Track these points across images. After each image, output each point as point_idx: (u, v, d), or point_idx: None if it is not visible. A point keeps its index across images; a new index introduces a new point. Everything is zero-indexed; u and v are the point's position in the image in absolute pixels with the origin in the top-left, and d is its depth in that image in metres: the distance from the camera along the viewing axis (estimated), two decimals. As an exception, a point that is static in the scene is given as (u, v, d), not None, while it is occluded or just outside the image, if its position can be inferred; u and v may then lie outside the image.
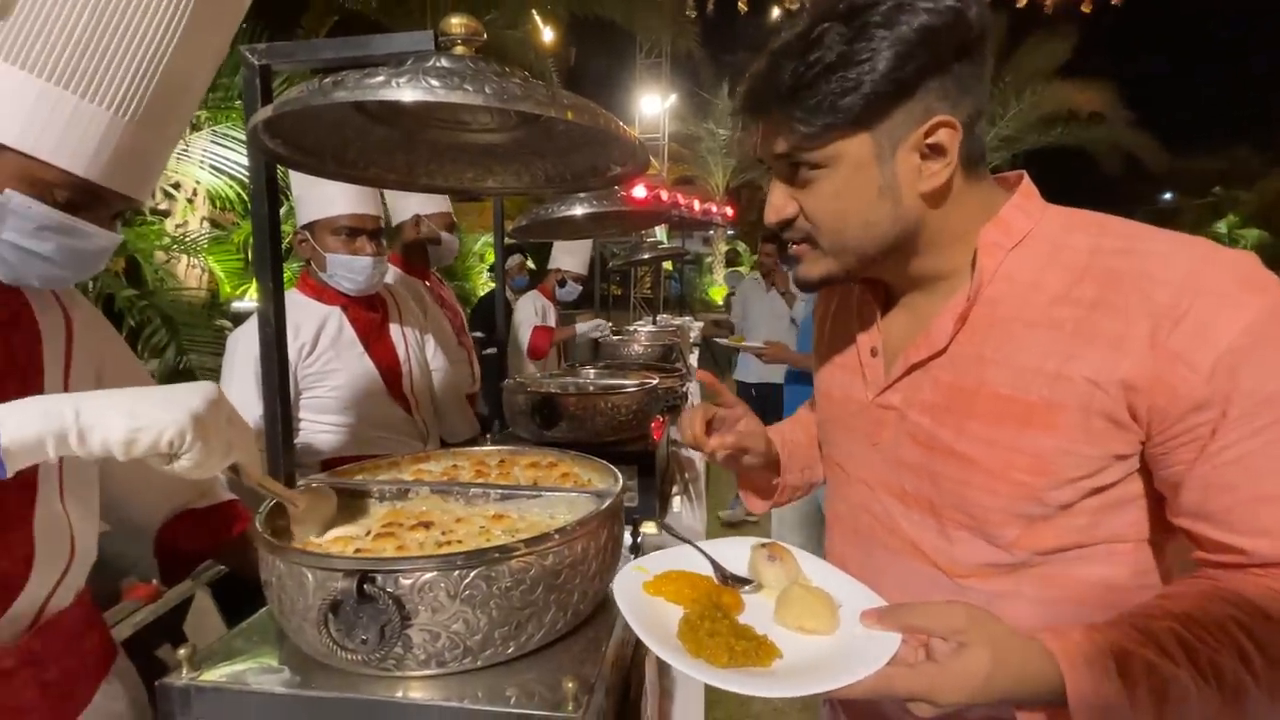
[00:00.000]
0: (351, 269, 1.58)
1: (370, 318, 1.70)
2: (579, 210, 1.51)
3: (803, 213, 0.67)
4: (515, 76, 0.63)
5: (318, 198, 1.57)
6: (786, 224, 0.69)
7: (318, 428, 1.62)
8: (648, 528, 1.53)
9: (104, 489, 0.81)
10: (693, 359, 3.70)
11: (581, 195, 1.58)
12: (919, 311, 0.70)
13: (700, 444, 0.84)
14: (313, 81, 0.58)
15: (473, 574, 0.62)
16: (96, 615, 0.83)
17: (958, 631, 0.54)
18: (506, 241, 1.87)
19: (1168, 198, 21.49)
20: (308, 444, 1.60)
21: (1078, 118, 13.78)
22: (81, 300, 0.84)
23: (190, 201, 3.61)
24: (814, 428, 0.93)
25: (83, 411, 0.55)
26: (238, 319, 3.24)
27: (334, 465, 1.60)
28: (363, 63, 0.75)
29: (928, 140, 0.61)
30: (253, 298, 3.84)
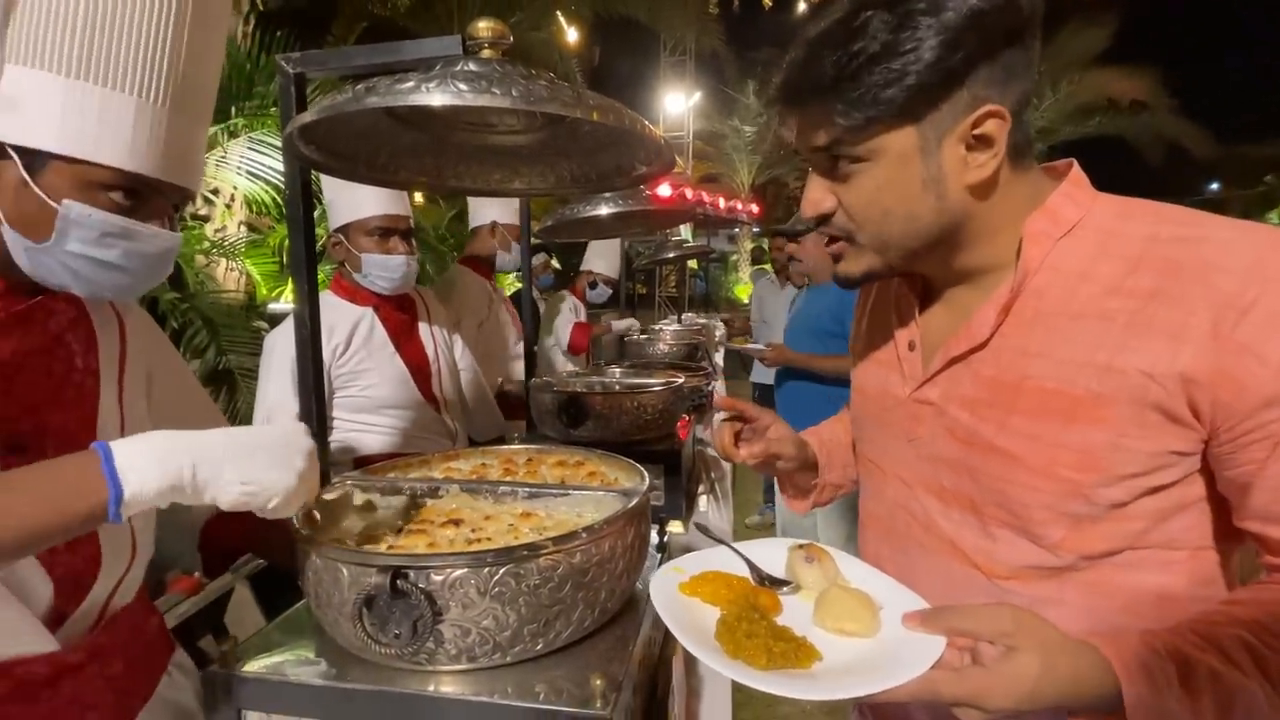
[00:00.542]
0: (386, 268, 1.62)
1: (401, 318, 1.74)
2: (604, 210, 1.51)
3: (842, 207, 0.65)
4: (541, 79, 0.63)
5: (349, 201, 1.61)
6: (824, 219, 0.67)
7: (351, 426, 1.66)
8: (674, 527, 1.53)
9: None
10: (718, 357, 3.69)
11: (607, 195, 1.58)
12: (960, 304, 0.67)
13: (730, 455, 0.85)
14: (346, 88, 0.59)
15: (502, 571, 0.63)
16: (155, 611, 0.86)
17: (1006, 635, 0.53)
18: (532, 241, 1.89)
19: (1215, 188, 20.65)
20: (341, 442, 1.63)
21: (1118, 106, 13.32)
22: (133, 304, 0.87)
23: (228, 206, 3.72)
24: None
25: (199, 469, 0.57)
26: (274, 320, 3.33)
27: (366, 464, 1.64)
28: (393, 68, 0.77)
29: (975, 131, 0.58)
30: (288, 299, 3.94)
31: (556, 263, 4.61)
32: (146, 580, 0.83)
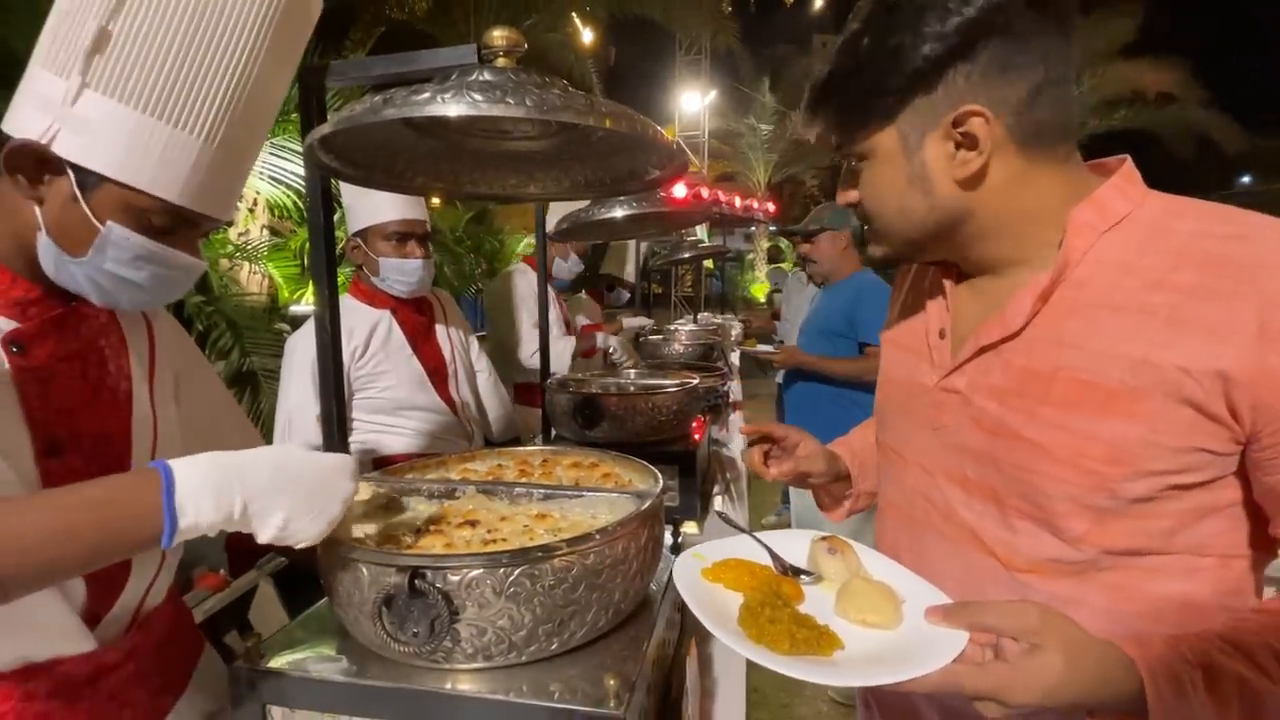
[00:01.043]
0: (403, 271, 1.64)
1: (418, 320, 1.76)
2: (619, 212, 1.52)
3: (860, 200, 0.71)
4: (555, 87, 0.64)
5: (368, 206, 1.64)
6: (855, 206, 0.73)
7: (369, 427, 1.68)
8: (689, 527, 1.54)
9: None
10: (734, 357, 3.68)
11: (621, 198, 1.59)
12: (994, 294, 0.67)
13: (762, 475, 0.90)
14: (364, 99, 0.61)
15: (517, 572, 0.64)
16: (185, 611, 0.89)
17: (1031, 632, 0.53)
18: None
19: (1246, 181, 20.09)
20: (361, 443, 1.66)
21: (1144, 99, 13.02)
22: (161, 309, 0.90)
23: (251, 211, 3.80)
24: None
25: (250, 506, 0.59)
26: (295, 322, 3.39)
27: (385, 463, 1.67)
28: (410, 78, 0.79)
29: (958, 129, 0.60)
30: (308, 302, 4.01)
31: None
32: (175, 578, 0.85)
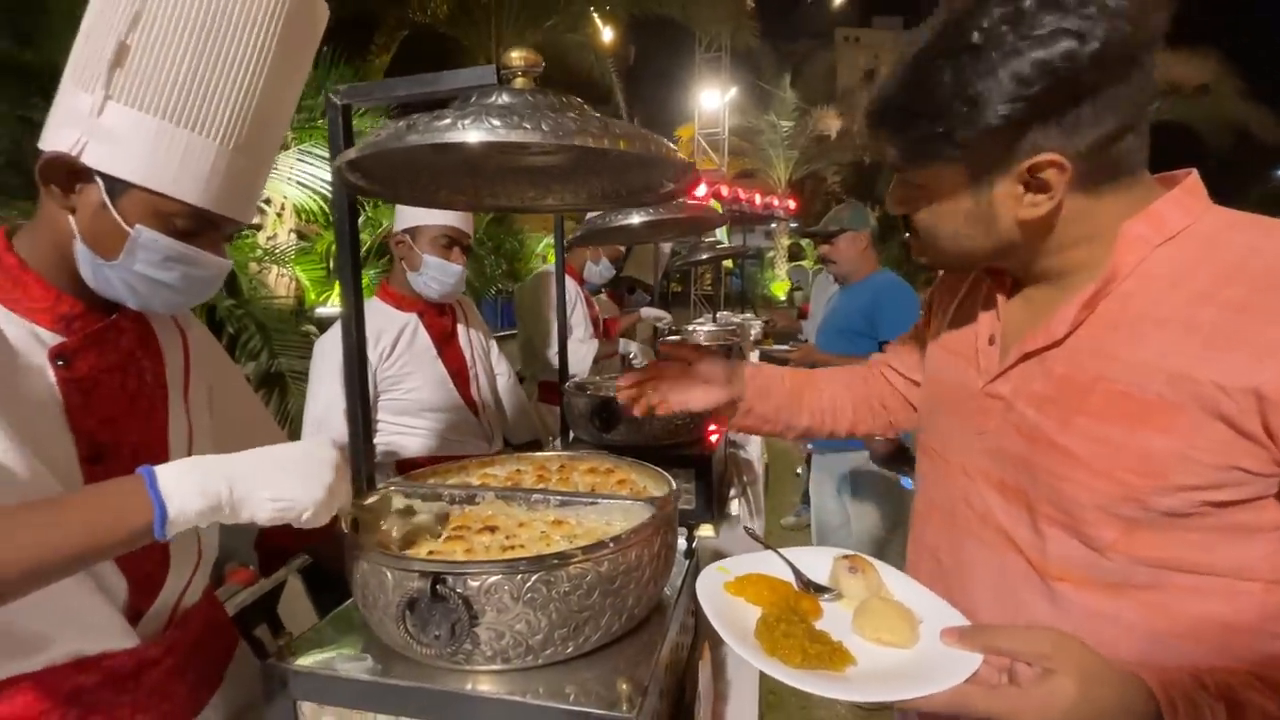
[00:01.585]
0: (445, 272, 1.68)
1: (442, 324, 1.80)
2: (636, 219, 1.54)
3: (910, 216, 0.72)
4: (571, 109, 0.66)
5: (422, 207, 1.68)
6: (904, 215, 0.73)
7: (394, 429, 1.73)
8: (704, 531, 1.55)
9: None
10: (753, 357, 3.68)
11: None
12: (1044, 302, 0.68)
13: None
14: (389, 125, 0.63)
15: (534, 578, 0.66)
16: (220, 611, 0.93)
17: (1044, 657, 0.53)
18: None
19: (1286, 174, 19.40)
20: (385, 444, 1.71)
21: (1179, 91, 12.66)
22: (194, 319, 0.94)
23: (279, 215, 3.90)
24: (810, 384, 1.03)
25: (235, 489, 0.61)
26: (322, 324, 3.48)
27: (408, 465, 1.71)
28: (432, 99, 0.82)
29: (1033, 175, 0.60)
30: (335, 304, 4.11)
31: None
32: (209, 579, 0.89)
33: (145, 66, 0.68)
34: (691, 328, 3.93)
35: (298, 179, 3.48)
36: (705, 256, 3.64)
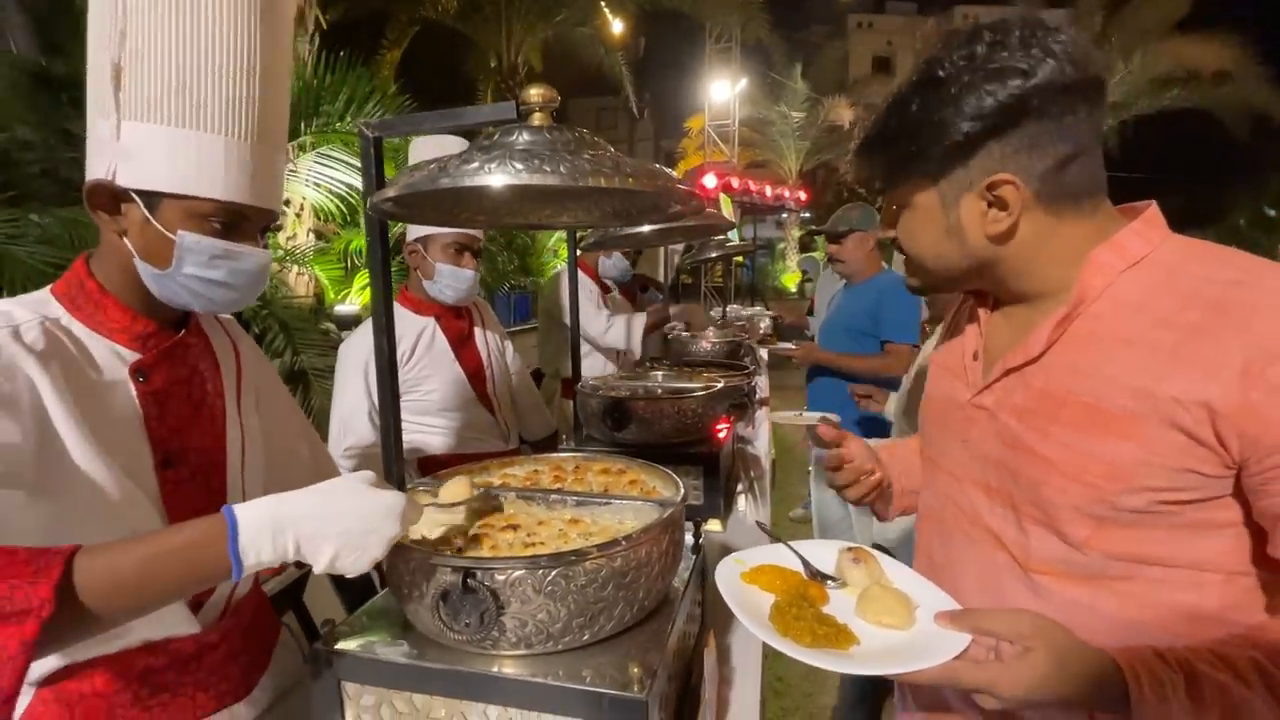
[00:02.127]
0: (458, 279, 1.75)
1: (459, 326, 1.88)
2: (646, 227, 1.60)
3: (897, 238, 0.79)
4: (586, 149, 0.73)
5: None
6: (894, 241, 0.80)
7: (414, 428, 1.81)
8: (712, 525, 1.62)
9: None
10: (763, 352, 3.72)
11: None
12: (1022, 322, 0.74)
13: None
14: (421, 168, 0.70)
15: (554, 573, 0.74)
16: (265, 598, 1.02)
17: (1023, 637, 0.60)
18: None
19: (1310, 160, 18.95)
20: (407, 443, 1.78)
21: (1198, 77, 12.42)
22: (243, 331, 1.01)
23: (298, 216, 4.00)
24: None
25: (302, 547, 0.65)
26: (341, 322, 3.58)
27: (428, 462, 1.79)
28: (456, 130, 0.88)
29: (991, 193, 0.68)
30: (353, 302, 4.20)
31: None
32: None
33: (140, 80, 0.72)
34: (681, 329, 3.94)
35: (316, 180, 3.56)
36: (715, 254, 3.68)
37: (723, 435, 1.72)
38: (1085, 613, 0.66)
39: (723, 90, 13.45)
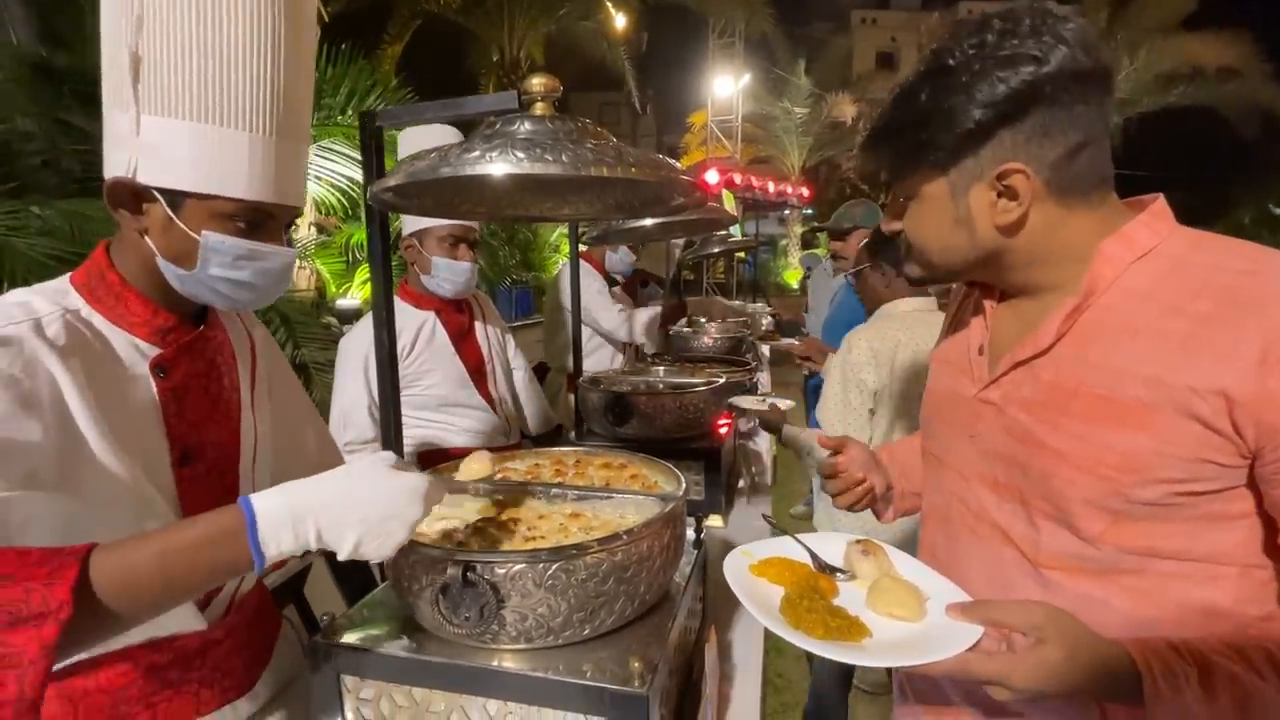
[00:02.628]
0: (454, 272, 1.74)
1: (460, 321, 1.87)
2: (649, 221, 1.59)
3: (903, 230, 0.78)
4: (589, 138, 0.72)
5: None
6: (898, 233, 0.79)
7: (414, 422, 1.80)
8: (713, 521, 1.62)
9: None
10: (765, 349, 3.71)
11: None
12: (1029, 315, 0.74)
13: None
14: (422, 157, 0.69)
15: (554, 567, 0.73)
16: (267, 594, 1.01)
17: (1036, 628, 0.60)
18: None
19: (1317, 158, 18.86)
20: (406, 438, 1.78)
21: (1204, 74, 12.34)
22: (257, 320, 0.99)
23: (300, 209, 3.98)
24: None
25: (324, 535, 0.64)
26: (342, 316, 3.57)
27: (427, 457, 1.79)
28: (457, 120, 0.87)
29: (1001, 182, 0.67)
30: (354, 296, 4.20)
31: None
32: None
33: (160, 71, 0.68)
34: (703, 320, 3.97)
35: (317, 174, 3.55)
36: (717, 249, 3.67)
37: (724, 431, 1.71)
38: (1097, 607, 0.65)
39: (726, 86, 13.40)
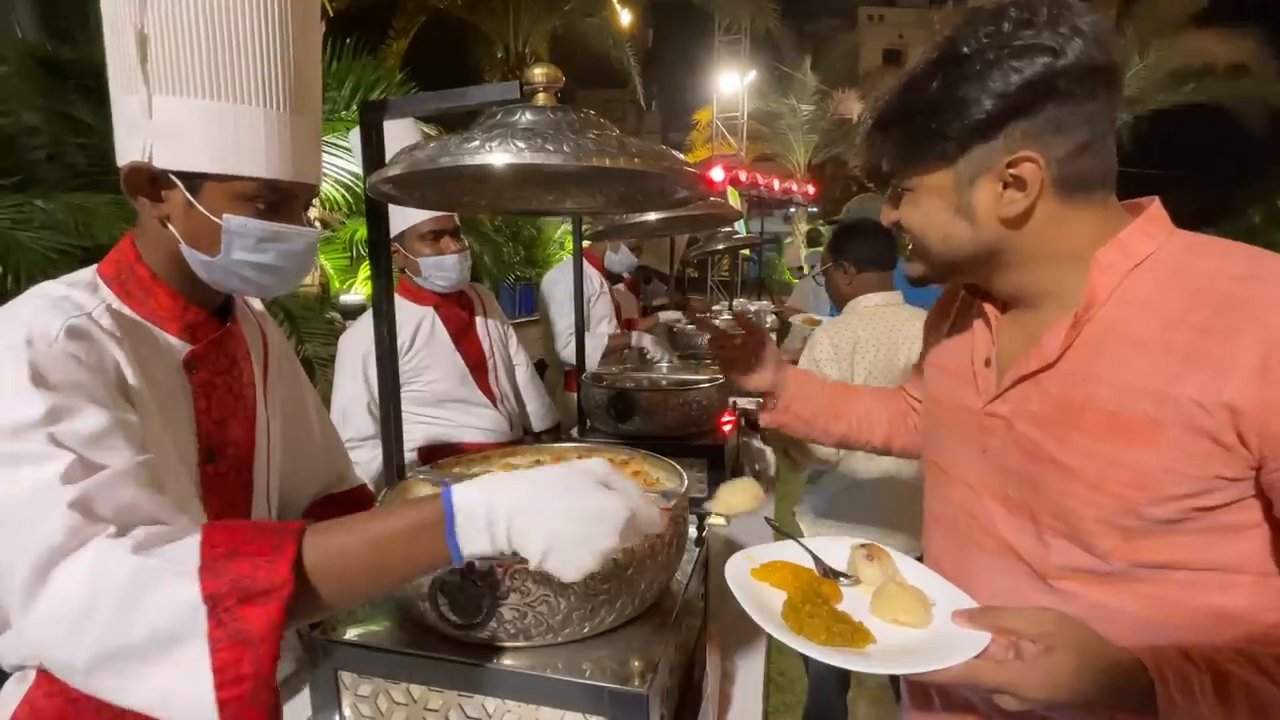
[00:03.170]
0: (442, 268, 1.73)
1: (460, 316, 1.86)
2: (653, 216, 1.58)
3: (902, 223, 0.75)
4: (591, 129, 0.71)
5: (402, 210, 1.73)
6: (896, 225, 0.77)
7: (415, 418, 1.79)
8: (716, 519, 1.61)
9: None
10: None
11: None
12: (1033, 327, 0.72)
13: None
14: (422, 146, 0.68)
15: (554, 564, 0.72)
16: None
17: (1046, 635, 0.59)
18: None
19: (1328, 157, 18.68)
20: (406, 434, 1.77)
21: (1215, 71, 12.23)
22: (268, 315, 0.98)
23: (303, 204, 3.97)
24: (848, 393, 1.10)
25: (513, 536, 0.59)
26: (346, 311, 3.57)
27: (429, 453, 1.78)
28: (458, 111, 0.86)
29: (1010, 171, 0.65)
30: (358, 292, 4.20)
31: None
32: None
33: (168, 48, 0.67)
34: (707, 317, 3.96)
35: (321, 169, 3.54)
36: (722, 246, 3.65)
37: (728, 428, 1.70)
38: (1110, 615, 0.64)
39: (731, 83, 13.36)
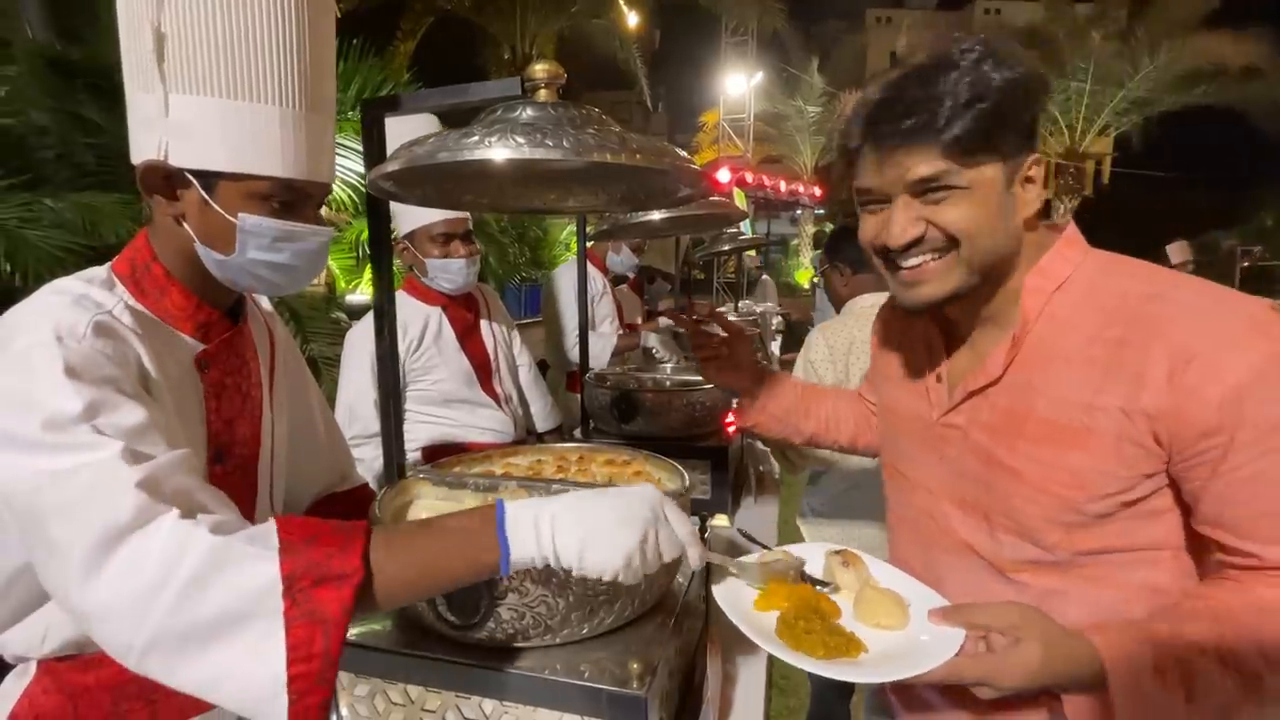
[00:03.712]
0: (449, 270, 1.74)
1: (466, 316, 1.86)
2: (657, 215, 1.57)
3: (935, 227, 0.70)
4: (591, 124, 0.70)
5: (414, 210, 1.73)
6: (914, 243, 0.72)
7: (420, 417, 1.80)
8: (719, 521, 1.60)
9: None
10: (774, 347, 3.69)
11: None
12: (977, 346, 0.80)
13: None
14: (420, 143, 0.68)
15: (553, 564, 0.71)
16: None
17: (1013, 628, 0.65)
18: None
19: (1342, 159, 18.45)
20: (410, 433, 1.78)
21: (1227, 72, 12.13)
22: (276, 315, 0.97)
23: (310, 204, 3.98)
24: (817, 394, 1.14)
25: (556, 536, 0.64)
26: (352, 311, 3.58)
27: (433, 452, 1.78)
28: (460, 107, 0.86)
29: (1029, 171, 0.70)
30: (363, 292, 4.21)
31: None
32: None
33: (186, 46, 0.67)
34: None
35: (328, 169, 3.55)
36: (727, 247, 3.64)
37: (731, 430, 1.69)
38: (1059, 598, 0.71)
39: (738, 84, 13.35)
